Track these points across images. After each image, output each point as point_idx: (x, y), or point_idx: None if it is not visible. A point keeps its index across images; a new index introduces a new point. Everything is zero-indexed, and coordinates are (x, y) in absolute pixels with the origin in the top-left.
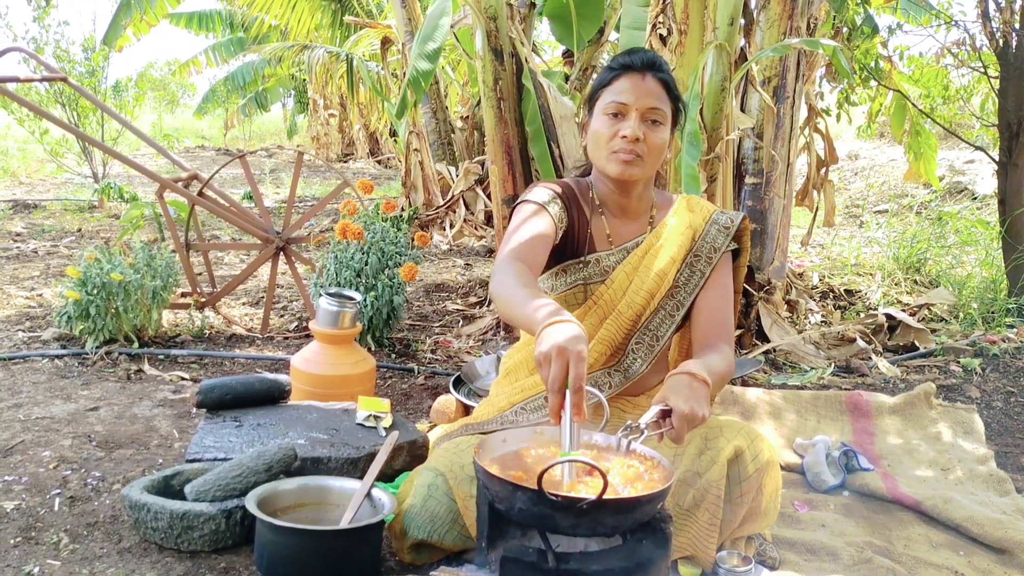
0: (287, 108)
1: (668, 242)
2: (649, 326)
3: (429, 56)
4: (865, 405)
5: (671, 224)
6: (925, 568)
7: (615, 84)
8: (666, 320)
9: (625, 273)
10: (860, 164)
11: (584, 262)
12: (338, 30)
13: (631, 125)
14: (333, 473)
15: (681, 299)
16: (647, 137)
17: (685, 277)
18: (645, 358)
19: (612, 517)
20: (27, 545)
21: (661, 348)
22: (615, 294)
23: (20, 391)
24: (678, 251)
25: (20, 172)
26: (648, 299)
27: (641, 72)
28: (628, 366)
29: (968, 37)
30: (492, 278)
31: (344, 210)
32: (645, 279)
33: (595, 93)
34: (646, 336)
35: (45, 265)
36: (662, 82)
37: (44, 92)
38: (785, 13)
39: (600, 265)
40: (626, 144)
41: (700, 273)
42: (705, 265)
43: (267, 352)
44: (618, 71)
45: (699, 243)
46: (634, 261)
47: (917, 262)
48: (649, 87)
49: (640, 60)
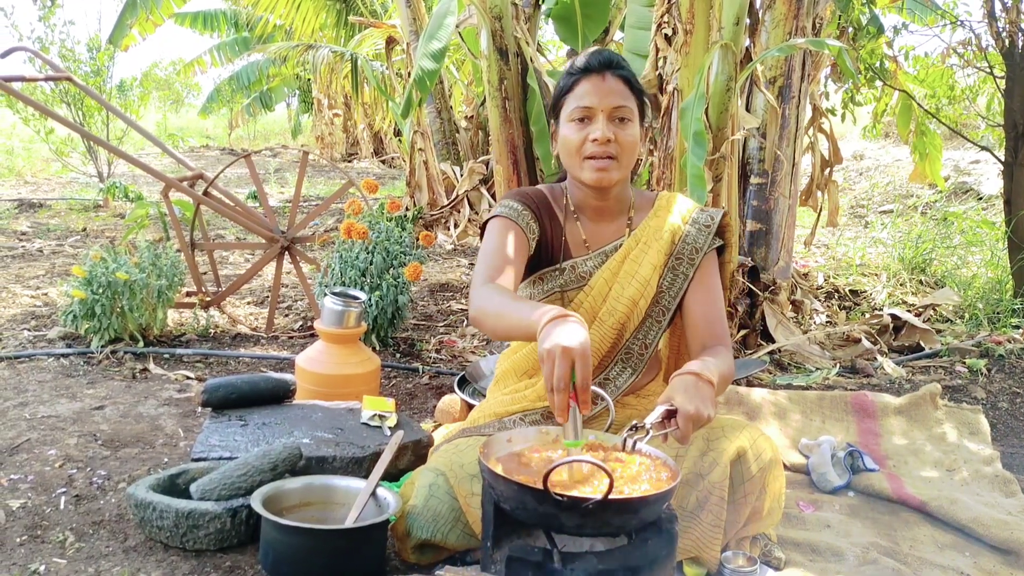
0: (291, 108)
1: (648, 247)
2: (637, 335)
3: (434, 56)
4: (870, 406)
5: (650, 227)
6: (931, 569)
7: (577, 89)
8: (653, 327)
9: (604, 279)
10: (865, 164)
11: (560, 269)
12: (343, 30)
13: (600, 128)
14: (338, 472)
15: (666, 304)
16: (618, 136)
17: (668, 281)
18: (636, 367)
19: (618, 517)
20: (33, 543)
21: (650, 355)
22: (595, 301)
23: (26, 390)
24: (658, 255)
25: (25, 171)
26: (631, 306)
27: (600, 73)
28: (615, 377)
29: (974, 37)
30: (472, 303)
31: (349, 209)
32: (626, 285)
33: (558, 101)
34: (635, 345)
35: (50, 264)
36: (623, 79)
37: (49, 92)
38: (790, 13)
39: (576, 271)
40: (598, 148)
41: (683, 275)
42: (688, 267)
43: (272, 351)
44: (577, 75)
45: (680, 245)
46: (613, 267)
47: (922, 262)
48: (611, 86)
49: (598, 61)
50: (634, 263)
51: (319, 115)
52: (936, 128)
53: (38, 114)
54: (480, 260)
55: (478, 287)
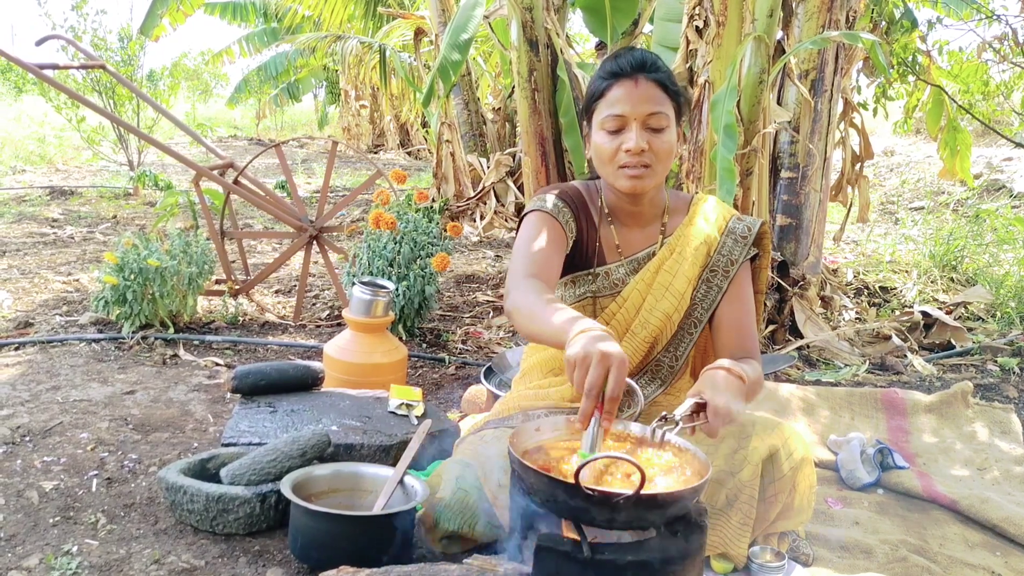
0: (318, 99)
1: (683, 257)
2: (668, 348)
3: (460, 46)
4: (900, 403)
5: (685, 235)
6: (961, 568)
7: (609, 95)
8: (684, 339)
9: (638, 291)
10: (896, 160)
11: (593, 274)
12: (371, 21)
13: (633, 138)
14: (365, 460)
15: (698, 316)
16: (652, 145)
17: (702, 294)
18: (665, 380)
19: (649, 512)
20: (66, 524)
21: (680, 366)
22: (628, 313)
23: (58, 374)
24: (692, 268)
25: (57, 159)
26: (665, 320)
27: (632, 77)
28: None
29: (1011, 32)
30: (508, 296)
31: (377, 200)
32: (660, 298)
33: (590, 105)
34: (665, 358)
35: (81, 251)
36: (657, 82)
37: (81, 80)
38: (824, 6)
39: (610, 278)
40: (631, 158)
41: (717, 288)
42: (722, 279)
43: (299, 340)
44: (609, 80)
45: (715, 257)
46: (647, 278)
47: (954, 260)
48: (644, 92)
49: (628, 64)
50: (668, 275)
51: (346, 106)
52: (967, 125)
53: (70, 102)
54: (519, 252)
55: (518, 281)
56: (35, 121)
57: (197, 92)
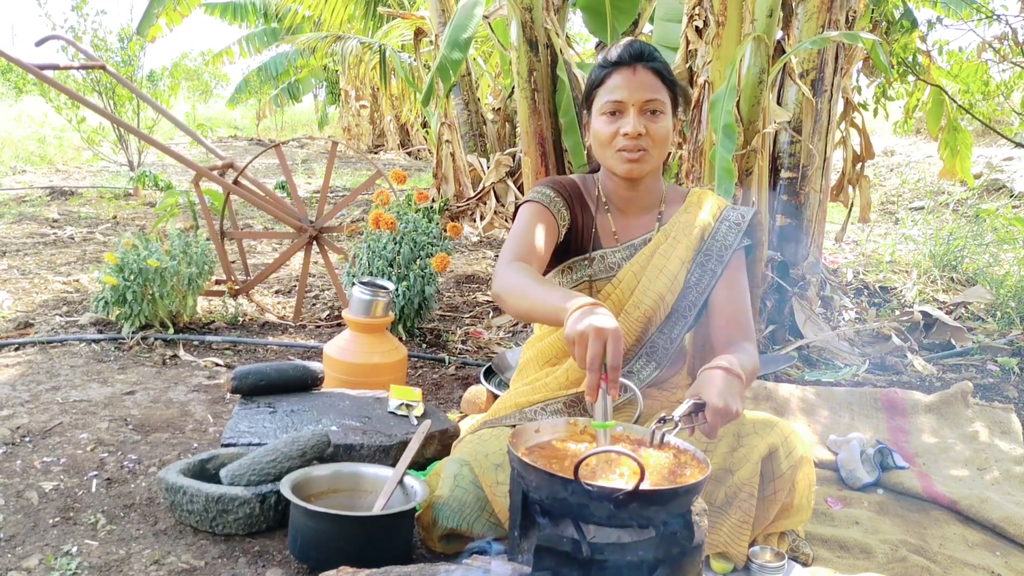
0: (318, 99)
1: (677, 241)
2: (663, 330)
3: (460, 45)
4: (900, 403)
5: (680, 222)
6: (961, 568)
7: (608, 82)
8: (679, 322)
9: (633, 272)
10: (896, 160)
11: (589, 259)
12: (371, 21)
13: (631, 122)
14: (365, 460)
15: (693, 299)
16: (649, 129)
17: (696, 277)
18: (660, 361)
19: (648, 508)
20: (65, 525)
21: (674, 349)
22: (623, 293)
23: (58, 374)
24: (686, 251)
25: (57, 159)
26: (658, 300)
27: (631, 65)
28: (639, 370)
29: (1011, 32)
30: (496, 279)
31: (377, 200)
32: (654, 279)
33: (590, 93)
34: (660, 340)
35: (81, 251)
36: (654, 71)
37: (81, 80)
38: (824, 6)
39: (605, 262)
40: (629, 142)
41: (711, 272)
42: (716, 264)
43: (299, 340)
44: (608, 68)
45: (708, 241)
46: (641, 260)
47: (954, 260)
48: (642, 79)
49: (628, 53)
50: (663, 257)
51: (346, 106)
52: (968, 125)
53: (70, 103)
54: (509, 240)
55: (504, 265)
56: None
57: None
